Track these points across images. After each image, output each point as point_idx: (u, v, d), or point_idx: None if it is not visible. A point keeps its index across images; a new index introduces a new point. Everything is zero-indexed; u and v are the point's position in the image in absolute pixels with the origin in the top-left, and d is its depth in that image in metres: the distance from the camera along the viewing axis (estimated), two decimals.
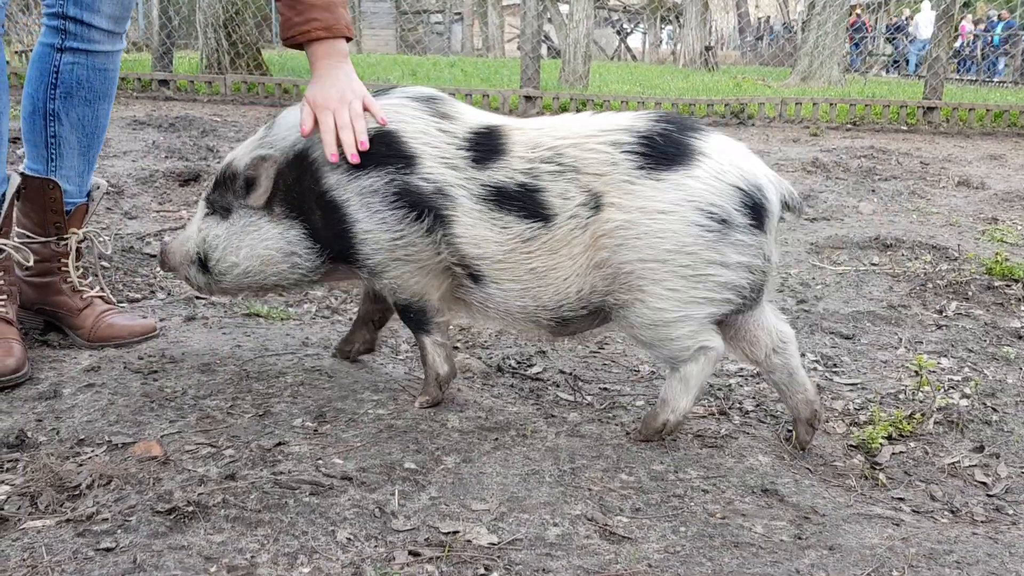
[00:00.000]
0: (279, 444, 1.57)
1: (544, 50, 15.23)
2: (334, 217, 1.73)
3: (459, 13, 22.90)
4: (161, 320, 2.25)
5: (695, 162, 1.59)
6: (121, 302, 2.41)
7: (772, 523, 1.46)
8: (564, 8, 20.15)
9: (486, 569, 1.26)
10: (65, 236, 2.09)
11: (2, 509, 1.31)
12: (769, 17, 26.76)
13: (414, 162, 1.68)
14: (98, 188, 2.19)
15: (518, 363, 2.15)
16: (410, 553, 1.29)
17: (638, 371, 2.15)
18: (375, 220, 1.70)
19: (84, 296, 2.10)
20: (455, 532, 1.35)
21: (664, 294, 1.61)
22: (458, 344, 2.26)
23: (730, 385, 2.08)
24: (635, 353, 2.27)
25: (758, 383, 2.10)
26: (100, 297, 2.14)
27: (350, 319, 2.44)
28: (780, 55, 15.68)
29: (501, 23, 20.68)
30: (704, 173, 1.58)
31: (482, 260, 1.69)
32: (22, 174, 2.00)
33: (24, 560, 1.17)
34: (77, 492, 1.37)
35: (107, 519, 1.28)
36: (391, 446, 1.60)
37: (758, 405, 1.97)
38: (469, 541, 1.33)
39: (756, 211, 1.60)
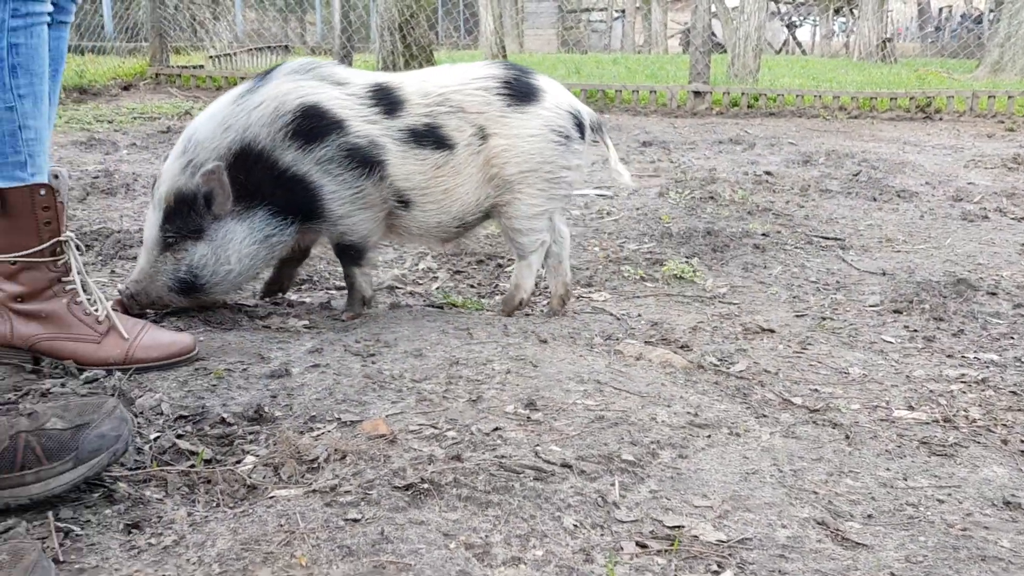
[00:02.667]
0: (496, 429, 1.60)
1: None
2: (299, 188, 2.07)
3: (621, 10, 22.76)
4: (367, 309, 2.35)
5: (542, 98, 2.20)
6: (330, 289, 2.54)
7: (1020, 538, 1.36)
8: (730, 2, 19.64)
9: (718, 566, 1.24)
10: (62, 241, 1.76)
11: (251, 477, 1.40)
12: (951, 7, 25.10)
13: (344, 125, 2.06)
14: (57, 178, 1.78)
15: (719, 360, 2.11)
16: (637, 544, 1.28)
17: (848, 373, 2.06)
18: (337, 181, 2.08)
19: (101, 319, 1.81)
20: (680, 527, 1.34)
21: (535, 193, 2.22)
22: (653, 339, 2.24)
23: (952, 392, 1.95)
24: (842, 355, 2.17)
25: (983, 390, 1.96)
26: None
27: (541, 310, 2.47)
28: (970, 46, 14.67)
29: (664, 19, 20.40)
30: (551, 104, 2.21)
31: (411, 190, 2.16)
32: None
33: (281, 526, 1.24)
34: (315, 465, 1.44)
35: (350, 492, 1.34)
36: (605, 436, 1.59)
37: (986, 413, 1.84)
38: (696, 537, 1.31)
39: (580, 128, 2.25)
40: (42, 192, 1.73)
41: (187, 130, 2.09)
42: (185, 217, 2.03)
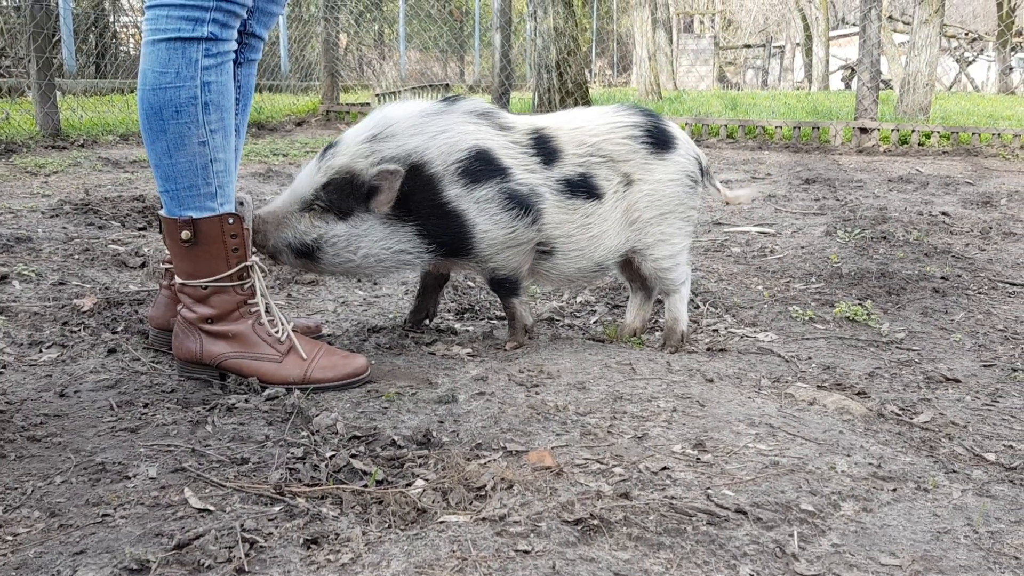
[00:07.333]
0: (664, 468, 1.55)
1: None
2: (455, 223, 2.09)
3: (779, 46, 22.25)
4: (529, 338, 2.35)
5: (676, 145, 2.31)
6: (492, 319, 2.56)
7: None
8: (896, 37, 18.84)
9: None
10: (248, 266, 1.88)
11: (421, 501, 1.41)
12: None
13: (508, 173, 2.12)
14: (242, 204, 1.92)
15: (901, 409, 1.98)
16: None
17: None
18: (492, 221, 2.11)
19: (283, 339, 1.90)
20: None
21: (674, 232, 2.32)
22: (826, 384, 2.13)
23: None
24: None
25: None
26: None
27: (707, 347, 2.40)
28: None
29: (826, 55, 19.76)
30: (683, 151, 2.32)
31: (559, 238, 2.22)
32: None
33: (454, 552, 1.24)
34: (483, 493, 1.44)
35: (519, 522, 1.33)
36: (781, 483, 1.52)
37: None
38: None
39: (702, 171, 2.37)
40: (230, 220, 1.83)
41: (385, 116, 2.09)
42: (343, 195, 2.02)
